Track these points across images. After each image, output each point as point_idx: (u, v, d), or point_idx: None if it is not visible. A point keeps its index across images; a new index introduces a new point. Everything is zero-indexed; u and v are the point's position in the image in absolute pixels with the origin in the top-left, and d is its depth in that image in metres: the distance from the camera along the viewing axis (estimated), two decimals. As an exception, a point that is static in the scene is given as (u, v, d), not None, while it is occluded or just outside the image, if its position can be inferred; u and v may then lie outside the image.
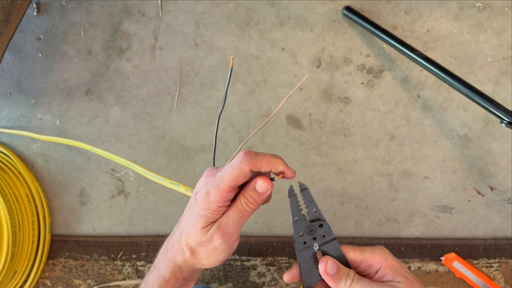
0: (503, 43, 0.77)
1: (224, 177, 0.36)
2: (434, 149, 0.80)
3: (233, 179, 0.36)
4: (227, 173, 0.36)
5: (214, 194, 0.36)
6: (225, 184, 0.36)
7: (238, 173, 0.36)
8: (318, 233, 0.38)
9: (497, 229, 0.82)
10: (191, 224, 0.38)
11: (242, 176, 0.36)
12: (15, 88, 0.83)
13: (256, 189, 0.38)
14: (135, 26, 0.80)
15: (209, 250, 0.37)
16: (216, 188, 0.36)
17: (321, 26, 0.78)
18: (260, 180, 0.37)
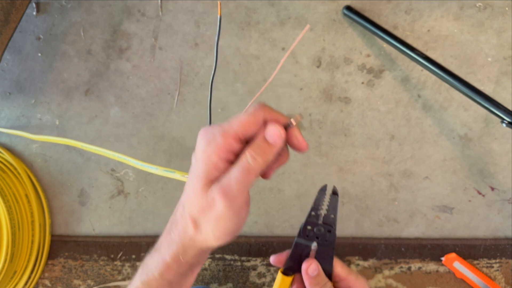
0: (503, 43, 0.77)
1: (232, 122, 0.31)
2: (435, 149, 0.80)
3: (243, 124, 0.31)
4: (237, 118, 0.31)
5: (216, 141, 0.31)
6: (233, 128, 0.31)
7: (250, 119, 0.31)
8: (323, 236, 0.38)
9: (497, 229, 0.82)
10: (191, 189, 0.32)
11: (254, 124, 0.31)
12: (14, 88, 0.83)
13: (266, 138, 0.32)
14: (135, 26, 0.80)
15: (213, 218, 0.31)
16: (220, 132, 0.31)
17: (321, 26, 0.78)
18: (272, 125, 0.32)
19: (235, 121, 0.31)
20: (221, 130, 0.31)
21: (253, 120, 0.31)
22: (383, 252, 0.82)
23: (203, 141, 0.32)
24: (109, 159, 0.83)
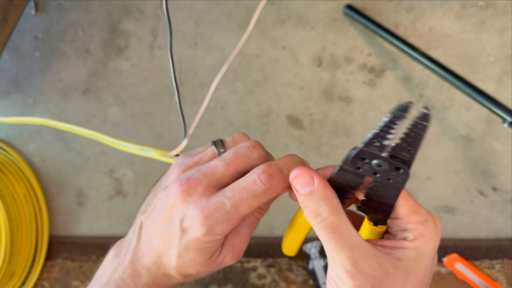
0: (505, 42, 0.76)
1: (241, 208, 0.28)
2: (436, 149, 0.80)
3: (251, 209, 0.28)
4: (246, 203, 0.28)
5: (221, 228, 0.28)
6: (241, 214, 0.28)
7: (261, 203, 0.29)
8: (386, 173, 0.26)
9: (499, 230, 0.82)
10: (188, 259, 0.29)
11: (263, 205, 0.30)
12: (12, 87, 0.82)
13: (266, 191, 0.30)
14: (134, 25, 0.80)
15: (214, 270, 0.31)
16: (226, 221, 0.28)
17: (322, 24, 0.77)
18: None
19: (242, 206, 0.28)
20: (225, 218, 0.28)
21: (261, 202, 0.28)
22: (384, 253, 0.82)
23: (205, 225, 0.27)
24: (107, 160, 0.83)
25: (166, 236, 0.29)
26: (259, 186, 0.28)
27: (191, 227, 0.28)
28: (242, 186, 0.28)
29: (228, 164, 0.30)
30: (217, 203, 0.28)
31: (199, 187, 0.29)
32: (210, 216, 0.27)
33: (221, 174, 0.29)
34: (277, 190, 0.29)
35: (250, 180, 0.28)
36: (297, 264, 0.81)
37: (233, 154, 0.30)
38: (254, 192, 0.28)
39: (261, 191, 0.28)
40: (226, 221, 0.28)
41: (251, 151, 0.30)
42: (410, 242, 0.27)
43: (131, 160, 0.83)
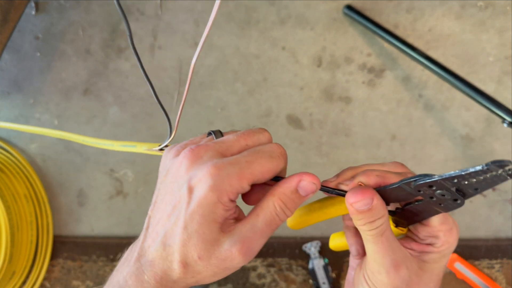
0: (505, 42, 0.76)
1: (255, 164, 0.26)
2: (436, 149, 0.80)
3: (266, 171, 0.26)
4: (260, 161, 0.26)
5: (232, 182, 0.25)
6: (253, 174, 0.26)
7: (274, 168, 0.27)
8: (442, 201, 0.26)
9: (499, 229, 0.82)
10: (192, 231, 0.25)
11: (273, 174, 0.27)
12: (13, 87, 0.82)
13: (298, 192, 0.27)
14: (134, 25, 0.79)
15: (219, 268, 0.26)
16: (239, 174, 0.25)
17: (322, 25, 0.77)
18: (307, 178, 0.27)
19: (256, 165, 0.26)
20: (238, 171, 0.26)
21: (273, 169, 0.27)
22: (384, 252, 0.82)
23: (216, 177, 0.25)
24: (108, 159, 0.83)
25: (172, 207, 0.27)
26: (275, 149, 0.28)
27: (200, 182, 0.25)
28: (258, 148, 0.27)
29: (239, 136, 0.29)
30: (231, 159, 0.26)
31: (209, 151, 0.27)
32: (222, 167, 0.25)
33: (231, 142, 0.28)
34: (285, 162, 0.28)
35: (266, 146, 0.28)
36: (297, 263, 0.82)
37: (242, 131, 0.29)
38: (270, 153, 0.27)
39: (277, 154, 0.27)
40: (238, 175, 0.25)
41: (261, 132, 0.29)
42: (437, 248, 0.29)
43: (131, 160, 0.83)
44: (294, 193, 0.27)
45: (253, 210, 0.28)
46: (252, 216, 0.28)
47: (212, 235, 0.26)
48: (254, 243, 0.27)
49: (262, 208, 0.28)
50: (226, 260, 0.26)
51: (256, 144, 0.29)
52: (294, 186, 0.27)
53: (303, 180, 0.27)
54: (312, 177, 0.27)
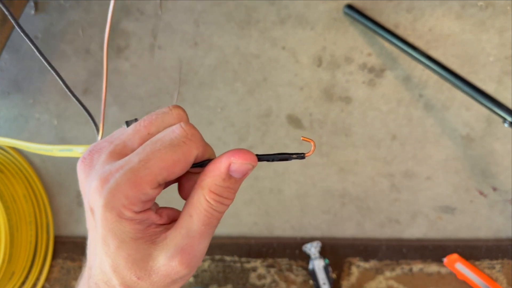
0: (505, 42, 0.76)
1: (153, 161, 0.21)
2: (436, 149, 0.80)
3: (171, 165, 0.21)
4: (159, 155, 0.21)
5: (126, 192, 0.20)
6: (155, 172, 0.21)
7: (181, 158, 0.21)
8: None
9: (499, 229, 0.82)
10: (115, 255, 0.22)
11: (184, 165, 0.22)
12: (12, 87, 0.82)
13: (232, 176, 0.22)
14: (134, 25, 0.79)
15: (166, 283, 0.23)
16: (131, 182, 0.20)
17: (322, 24, 0.77)
18: (237, 159, 0.22)
19: (154, 161, 0.21)
20: (129, 176, 0.20)
21: (183, 159, 0.21)
22: (384, 253, 0.82)
23: (102, 193, 0.21)
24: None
25: (91, 232, 0.23)
26: (177, 133, 0.22)
27: (94, 202, 0.21)
28: (157, 137, 0.22)
29: (138, 124, 0.23)
30: (122, 162, 0.21)
31: (102, 154, 0.22)
32: (108, 178, 0.20)
33: (129, 135, 0.23)
34: (198, 144, 0.22)
35: (167, 130, 0.22)
36: (297, 264, 0.81)
37: (146, 116, 0.24)
38: (171, 141, 0.21)
39: (179, 139, 0.21)
40: (131, 182, 0.20)
41: (169, 109, 0.24)
42: None
43: (131, 160, 0.83)
44: (226, 180, 0.22)
45: (184, 209, 0.23)
46: (185, 218, 0.23)
47: (140, 252, 0.22)
48: (195, 250, 0.23)
49: (194, 206, 0.23)
50: (169, 275, 0.22)
51: (160, 130, 0.23)
52: (224, 172, 0.22)
53: (234, 163, 0.22)
54: (243, 155, 0.22)
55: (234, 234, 0.83)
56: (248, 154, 0.22)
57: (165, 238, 0.22)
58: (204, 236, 0.23)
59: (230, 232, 0.83)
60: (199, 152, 0.23)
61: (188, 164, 0.22)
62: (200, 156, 0.23)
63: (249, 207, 0.82)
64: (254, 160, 0.23)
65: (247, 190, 0.82)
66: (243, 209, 0.83)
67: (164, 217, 0.24)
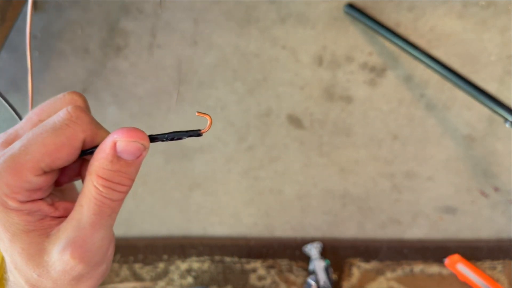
0: (507, 42, 0.76)
1: (30, 145, 0.20)
2: (438, 149, 0.79)
3: (50, 150, 0.20)
4: (40, 140, 0.20)
5: (6, 179, 0.19)
6: (36, 158, 0.20)
7: (64, 142, 0.20)
8: None
9: (501, 230, 0.82)
10: (11, 251, 0.21)
11: (68, 147, 0.20)
12: (11, 86, 0.82)
13: (119, 156, 0.20)
14: (133, 24, 0.79)
15: (68, 281, 0.21)
16: (12, 168, 0.19)
17: (322, 23, 0.77)
18: (121, 136, 0.20)
19: (35, 146, 0.20)
20: (9, 163, 0.19)
21: (66, 142, 0.20)
22: (386, 254, 0.82)
23: None
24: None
25: None
26: (61, 116, 0.20)
27: None
28: (43, 123, 0.21)
29: (31, 113, 0.22)
30: (6, 150, 0.20)
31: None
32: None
33: (22, 124, 0.22)
34: (85, 127, 0.21)
35: (53, 116, 0.21)
36: (298, 264, 0.81)
37: (40, 104, 0.23)
38: (53, 125, 0.20)
39: (62, 122, 0.20)
40: (11, 169, 0.19)
41: (63, 95, 0.23)
42: None
43: (130, 160, 0.82)
44: (115, 162, 0.20)
45: (77, 199, 0.21)
46: (76, 209, 0.21)
47: (33, 246, 0.20)
48: (87, 242, 0.21)
49: (84, 195, 0.21)
50: (66, 271, 0.21)
51: (51, 115, 0.21)
52: (110, 153, 0.20)
53: (118, 142, 0.20)
54: (128, 133, 0.20)
55: (234, 235, 0.83)
56: (135, 132, 0.21)
57: (57, 231, 0.21)
58: (97, 227, 0.21)
59: (230, 232, 0.83)
60: (87, 135, 0.21)
61: (75, 148, 0.21)
62: (89, 140, 0.21)
63: (249, 208, 0.82)
64: (143, 138, 0.21)
65: (247, 191, 0.82)
66: (243, 210, 0.82)
67: (60, 209, 0.22)
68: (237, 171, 0.82)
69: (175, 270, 0.83)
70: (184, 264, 0.83)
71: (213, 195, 0.84)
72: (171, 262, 0.83)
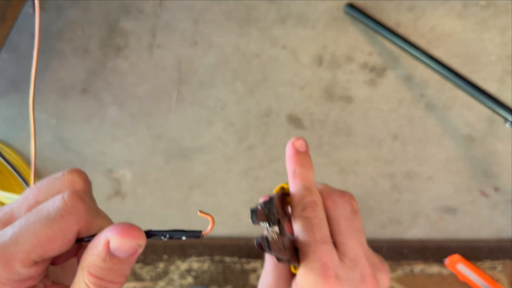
0: (507, 42, 0.76)
1: (26, 236, 0.19)
2: (438, 149, 0.80)
3: (46, 242, 0.19)
4: (33, 230, 0.19)
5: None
6: (27, 249, 0.19)
7: (56, 233, 0.19)
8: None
9: (501, 230, 0.82)
10: None
11: (62, 242, 0.20)
12: (10, 86, 0.82)
13: (113, 254, 0.19)
14: (133, 24, 0.79)
15: None
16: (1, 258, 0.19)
17: (322, 23, 0.77)
18: (114, 235, 0.19)
19: (26, 236, 0.19)
20: (1, 256, 0.19)
21: (59, 234, 0.19)
22: (386, 254, 0.82)
23: None
24: (106, 160, 0.82)
25: None
26: (57, 205, 0.20)
27: None
28: (37, 208, 0.20)
29: (28, 191, 0.22)
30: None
31: None
32: None
33: (18, 203, 0.21)
34: (79, 218, 0.20)
35: (49, 201, 0.20)
36: (298, 265, 0.81)
37: (38, 183, 0.22)
38: (48, 214, 0.19)
39: (57, 211, 0.19)
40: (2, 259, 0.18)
41: (63, 174, 0.22)
42: None
43: (130, 160, 0.83)
44: (107, 260, 0.19)
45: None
46: None
47: None
48: None
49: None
50: None
51: (49, 198, 0.21)
52: (102, 250, 0.19)
53: (112, 240, 0.19)
54: (123, 231, 0.19)
55: (234, 235, 0.83)
56: (130, 230, 0.19)
57: None
58: None
59: (230, 232, 0.83)
60: (81, 226, 0.20)
61: (68, 240, 0.20)
62: (84, 230, 0.20)
63: (249, 208, 0.82)
64: (138, 236, 0.19)
65: (247, 191, 0.82)
66: (243, 210, 0.83)
67: None
68: (237, 171, 0.82)
69: (175, 270, 0.83)
70: (184, 264, 0.83)
71: (213, 195, 0.84)
72: (171, 262, 0.83)
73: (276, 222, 0.25)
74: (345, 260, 0.25)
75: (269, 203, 0.25)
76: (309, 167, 0.27)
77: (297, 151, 0.27)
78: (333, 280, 0.23)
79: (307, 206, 0.25)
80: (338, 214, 0.26)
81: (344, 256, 0.25)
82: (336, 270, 0.24)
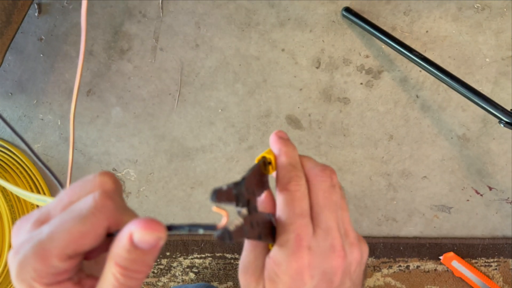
0: (501, 44, 0.77)
1: (55, 233, 0.20)
2: (433, 149, 0.80)
3: (74, 238, 0.20)
4: (67, 227, 0.20)
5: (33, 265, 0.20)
6: (57, 245, 0.20)
7: (86, 228, 0.21)
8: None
9: (495, 228, 0.82)
10: None
11: (92, 236, 0.21)
12: (16, 88, 0.83)
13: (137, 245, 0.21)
14: (136, 27, 0.80)
15: None
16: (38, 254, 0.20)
17: (320, 27, 0.78)
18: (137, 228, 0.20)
19: (61, 233, 0.20)
20: (36, 249, 0.20)
21: (91, 230, 0.21)
22: (382, 251, 0.82)
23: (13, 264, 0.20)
24: (110, 159, 0.83)
25: None
26: (88, 204, 0.21)
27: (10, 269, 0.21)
28: (71, 208, 0.22)
29: (62, 193, 0.23)
30: (35, 233, 0.21)
31: (28, 223, 0.22)
32: (19, 250, 0.21)
33: (54, 204, 0.23)
34: (109, 215, 0.21)
35: (80, 201, 0.22)
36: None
37: (71, 185, 0.24)
38: (80, 212, 0.21)
39: (88, 210, 0.21)
40: (37, 255, 0.20)
41: (94, 176, 0.23)
42: None
43: (133, 159, 0.83)
44: (132, 251, 0.20)
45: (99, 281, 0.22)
46: None
47: None
48: None
49: (104, 280, 0.21)
50: None
51: (81, 198, 0.22)
52: (126, 243, 0.20)
53: (135, 233, 0.20)
54: (145, 225, 0.20)
55: (235, 233, 0.84)
56: (151, 224, 0.20)
57: None
58: None
59: (230, 230, 0.84)
60: (110, 223, 0.22)
61: (99, 236, 0.21)
62: (114, 226, 0.22)
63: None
64: (160, 229, 0.21)
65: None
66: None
67: (87, 287, 0.22)
68: (238, 170, 0.83)
69: (177, 266, 0.84)
70: (186, 260, 0.84)
71: (214, 194, 0.85)
72: (174, 259, 0.84)
73: (245, 202, 0.25)
74: (317, 231, 0.25)
75: (239, 184, 0.25)
76: (294, 148, 0.28)
77: (281, 137, 0.28)
78: (305, 250, 0.24)
79: (292, 180, 0.26)
80: (317, 186, 0.26)
81: (317, 227, 0.25)
82: (309, 242, 0.25)
